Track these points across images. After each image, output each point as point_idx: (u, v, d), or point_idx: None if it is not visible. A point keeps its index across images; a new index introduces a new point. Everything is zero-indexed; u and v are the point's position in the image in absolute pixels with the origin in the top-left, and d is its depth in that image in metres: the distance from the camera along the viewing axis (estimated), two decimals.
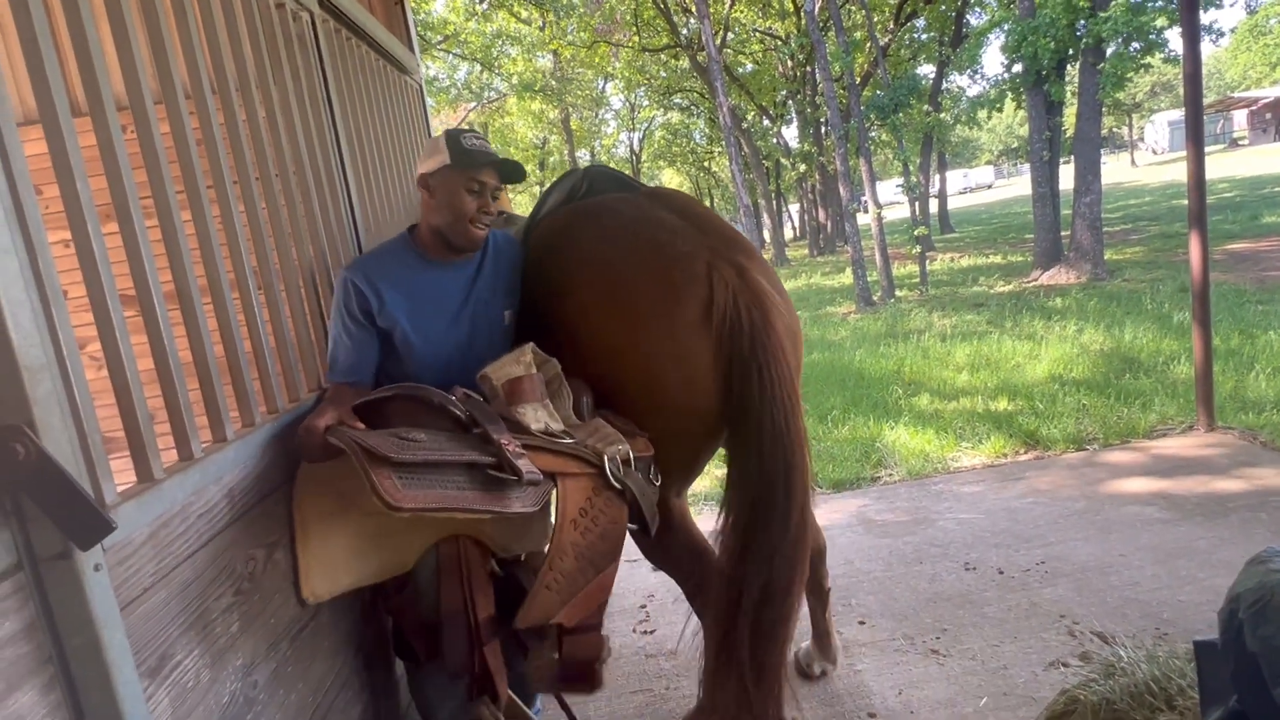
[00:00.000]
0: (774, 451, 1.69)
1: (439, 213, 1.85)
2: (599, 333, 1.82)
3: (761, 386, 1.70)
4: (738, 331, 1.72)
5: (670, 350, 1.75)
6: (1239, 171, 25.77)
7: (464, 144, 1.82)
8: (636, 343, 1.77)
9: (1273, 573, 1.15)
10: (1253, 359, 5.43)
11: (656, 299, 1.76)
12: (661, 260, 1.79)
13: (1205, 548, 3.01)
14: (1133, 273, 10.62)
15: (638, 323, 1.77)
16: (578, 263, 1.90)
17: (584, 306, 1.85)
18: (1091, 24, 9.80)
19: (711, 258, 1.78)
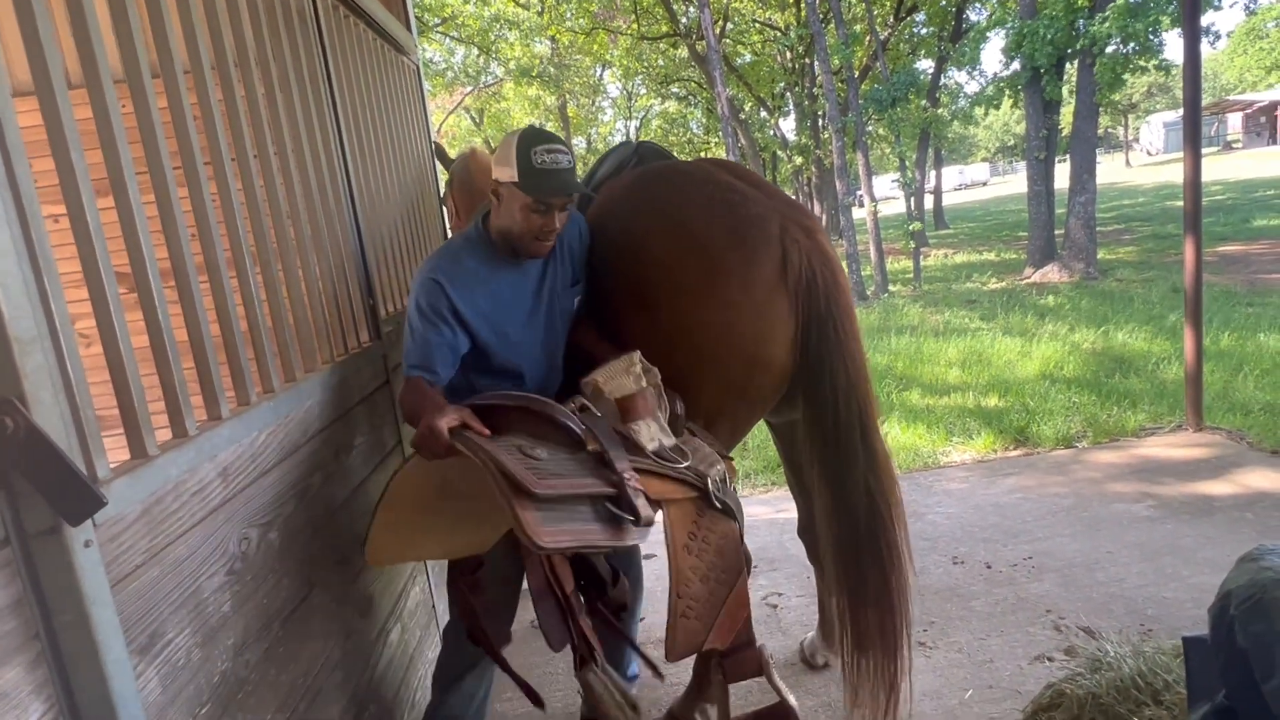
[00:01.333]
0: (849, 401, 1.85)
1: (505, 221, 1.81)
2: (676, 289, 1.87)
3: (838, 341, 1.85)
4: (814, 289, 1.84)
5: (748, 305, 1.83)
6: (1232, 175, 25.89)
7: (535, 163, 1.72)
8: (715, 298, 1.83)
9: (1264, 570, 1.16)
10: (1242, 361, 5.48)
11: (734, 256, 1.83)
12: (737, 220, 1.87)
13: (1191, 546, 3.04)
14: (1125, 273, 10.68)
15: (717, 279, 1.83)
16: (652, 222, 1.94)
17: (660, 264, 1.89)
18: (1089, 25, 9.81)
19: (783, 220, 1.88)
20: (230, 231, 1.55)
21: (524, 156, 1.73)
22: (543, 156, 1.73)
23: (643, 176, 2.10)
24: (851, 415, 1.86)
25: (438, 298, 1.78)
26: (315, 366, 1.83)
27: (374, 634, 2.01)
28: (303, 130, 1.93)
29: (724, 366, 1.89)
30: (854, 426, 1.86)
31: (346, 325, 2.10)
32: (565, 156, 1.75)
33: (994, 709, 2.25)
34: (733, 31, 21.36)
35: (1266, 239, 12.07)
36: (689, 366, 1.89)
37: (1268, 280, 8.86)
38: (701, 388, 1.91)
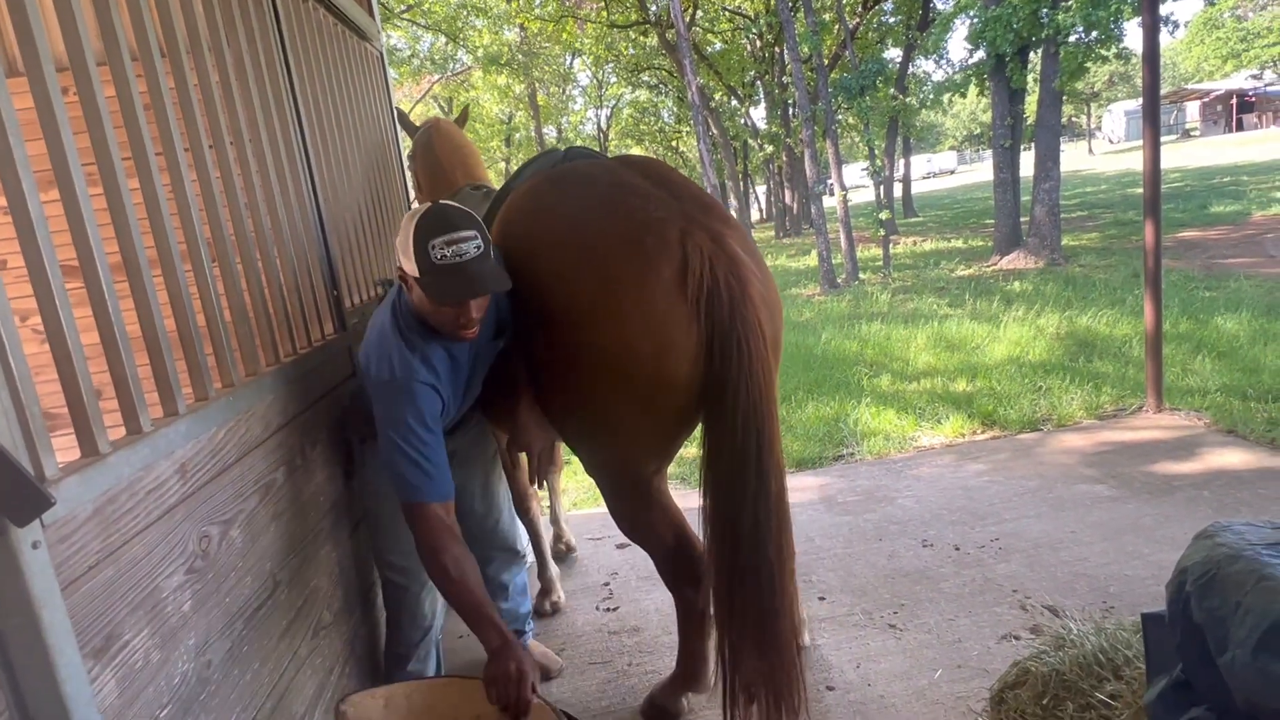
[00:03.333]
0: (747, 424, 1.70)
1: (419, 308, 1.70)
2: (571, 298, 1.76)
3: (740, 360, 1.69)
4: (716, 301, 1.69)
5: (643, 317, 1.70)
6: (1190, 162, 26.49)
7: (434, 259, 1.56)
8: (609, 309, 1.71)
9: (1218, 547, 1.19)
10: (1200, 343, 5.62)
11: (629, 265, 1.71)
12: (634, 225, 1.74)
13: (1151, 524, 3.12)
14: (1088, 258, 10.88)
15: (610, 289, 1.71)
16: (548, 227, 1.84)
17: (556, 276, 1.79)
18: (1052, 14, 9.94)
19: (686, 224, 1.74)
20: (184, 223, 1.51)
21: (422, 251, 1.57)
22: (442, 250, 1.56)
23: (545, 180, 1.97)
24: (749, 440, 1.70)
25: (428, 401, 1.67)
26: (277, 360, 1.80)
27: (343, 629, 1.99)
28: (260, 119, 1.89)
29: (628, 385, 1.76)
30: (750, 453, 1.71)
31: (310, 318, 2.06)
32: (472, 243, 1.58)
33: (962, 688, 2.29)
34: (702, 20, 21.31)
35: (1223, 225, 12.38)
36: (593, 386, 1.80)
37: (1224, 265, 9.09)
38: (609, 409, 1.82)
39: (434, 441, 1.67)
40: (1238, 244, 10.54)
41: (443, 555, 1.61)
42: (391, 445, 1.64)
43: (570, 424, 1.99)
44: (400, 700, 1.55)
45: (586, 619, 2.98)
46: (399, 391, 1.65)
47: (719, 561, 1.78)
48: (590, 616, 2.99)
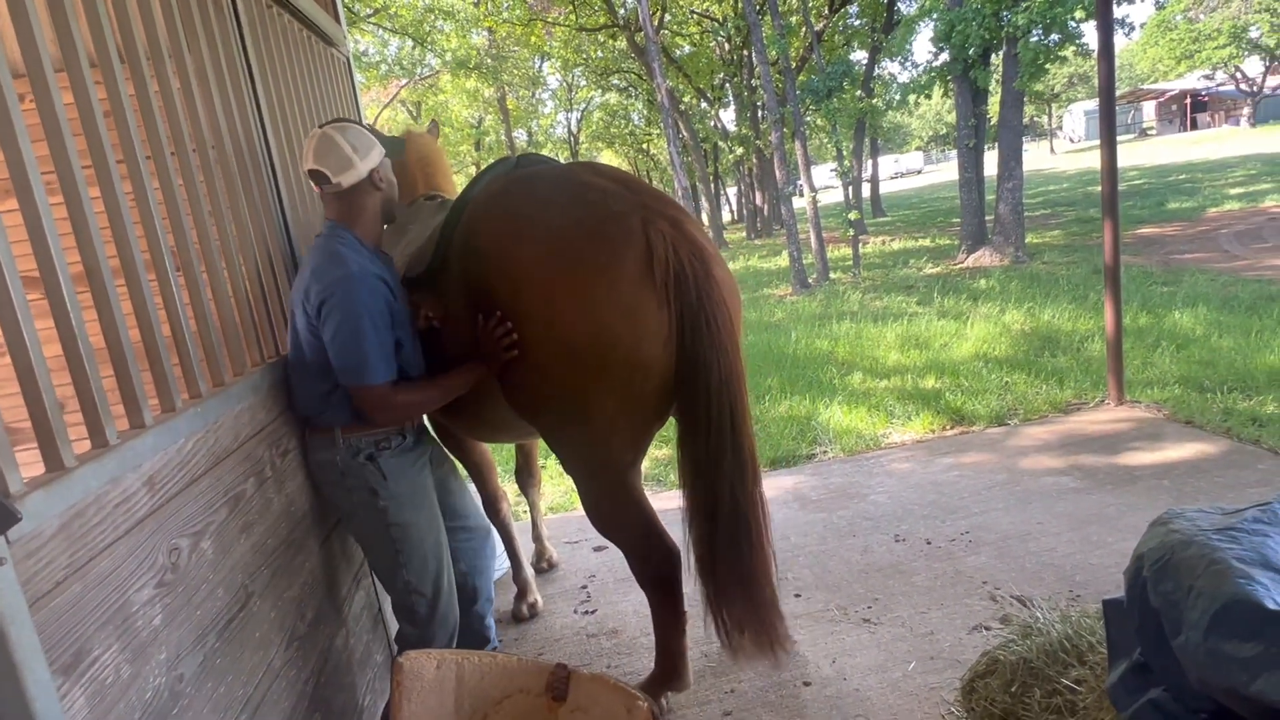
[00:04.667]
0: (720, 397, 1.82)
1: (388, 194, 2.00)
2: (543, 296, 1.83)
3: (710, 334, 1.80)
4: (683, 282, 1.78)
5: (616, 305, 1.78)
6: (1147, 160, 27.19)
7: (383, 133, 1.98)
8: (582, 301, 1.79)
9: (1173, 533, 1.24)
10: (1159, 337, 5.77)
11: (596, 256, 1.78)
12: (596, 218, 1.82)
13: (1114, 514, 3.20)
14: (1051, 256, 11.12)
15: (581, 281, 1.79)
16: (515, 228, 1.90)
17: (526, 271, 1.85)
18: (1013, 14, 10.15)
19: (646, 214, 1.83)
20: (148, 232, 1.49)
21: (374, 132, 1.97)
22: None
23: (507, 184, 2.04)
24: (723, 413, 1.83)
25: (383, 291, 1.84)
26: (245, 369, 1.78)
27: (318, 640, 1.97)
28: (223, 125, 1.87)
29: (603, 371, 1.82)
30: (724, 424, 1.83)
31: (278, 326, 2.04)
32: None
33: (935, 679, 2.33)
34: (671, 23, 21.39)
35: (1180, 221, 12.73)
36: (571, 378, 1.86)
37: (1181, 260, 9.35)
38: (589, 400, 1.88)
39: (387, 332, 1.83)
40: (1193, 239, 10.84)
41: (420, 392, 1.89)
42: (355, 331, 1.76)
43: (547, 418, 2.04)
44: (451, 665, 1.68)
45: (565, 622, 2.98)
46: (356, 281, 1.78)
47: (703, 526, 1.91)
48: (568, 620, 3.00)
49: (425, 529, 2.01)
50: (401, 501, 1.96)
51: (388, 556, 1.99)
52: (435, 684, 1.65)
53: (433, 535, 2.02)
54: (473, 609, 2.34)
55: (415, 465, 2.02)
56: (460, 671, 1.68)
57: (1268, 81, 36.46)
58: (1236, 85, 37.16)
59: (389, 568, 2.01)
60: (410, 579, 1.99)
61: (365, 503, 1.95)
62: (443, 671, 1.66)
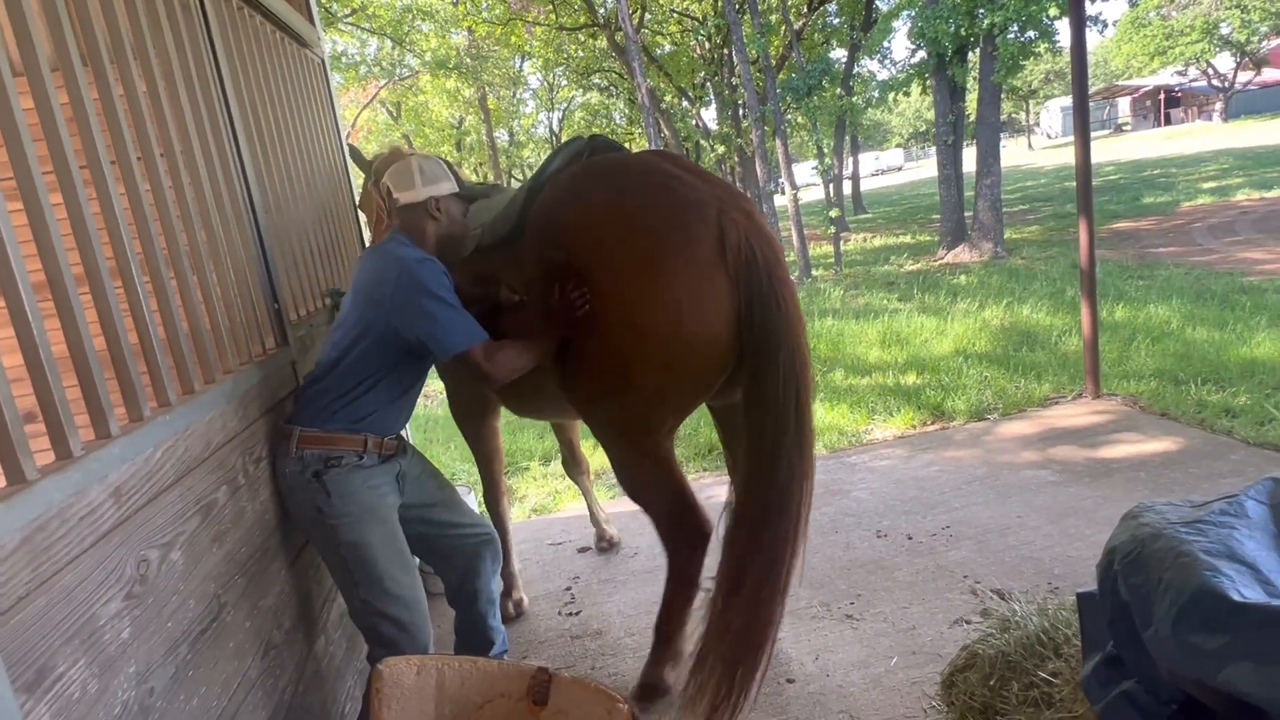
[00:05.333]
0: (789, 378, 1.93)
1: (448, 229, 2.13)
2: (619, 276, 1.96)
3: (781, 317, 1.92)
4: (754, 268, 1.91)
5: (689, 285, 1.91)
6: (1123, 156, 27.55)
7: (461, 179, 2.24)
8: (656, 281, 1.91)
9: (1143, 527, 1.25)
10: (1135, 330, 5.85)
11: (673, 239, 1.92)
12: (675, 205, 1.95)
13: (1091, 506, 3.24)
14: (1029, 251, 11.23)
15: (657, 262, 1.92)
16: (595, 213, 2.03)
17: (604, 252, 1.98)
18: (989, 10, 10.24)
19: (720, 205, 1.96)
20: (113, 238, 1.46)
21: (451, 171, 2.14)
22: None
23: (585, 170, 2.17)
24: (789, 390, 1.93)
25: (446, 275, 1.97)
26: (216, 376, 1.75)
27: (295, 649, 1.95)
28: (191, 129, 1.84)
29: (667, 347, 1.94)
30: (790, 401, 1.93)
31: (250, 332, 2.01)
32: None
33: (917, 673, 2.35)
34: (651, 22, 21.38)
35: (1154, 215, 12.90)
36: (635, 351, 1.97)
37: (1156, 254, 9.48)
38: (647, 372, 1.99)
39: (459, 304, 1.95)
40: (1168, 233, 11.00)
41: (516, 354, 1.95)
42: (441, 303, 1.89)
43: (590, 387, 2.13)
44: (431, 672, 1.67)
45: (549, 624, 2.97)
46: (420, 265, 1.93)
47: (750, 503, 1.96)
48: (553, 622, 2.99)
49: (379, 548, 1.94)
50: (350, 520, 1.91)
51: (341, 575, 1.96)
52: (415, 690, 1.64)
53: (388, 555, 1.95)
54: (473, 610, 2.31)
55: (368, 484, 1.96)
56: (441, 677, 1.67)
57: (1239, 77, 37.04)
58: (1209, 81, 37.72)
59: (344, 586, 1.98)
60: (368, 599, 1.94)
61: (313, 520, 1.92)
62: (423, 678, 1.65)
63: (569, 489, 4.52)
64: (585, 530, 3.76)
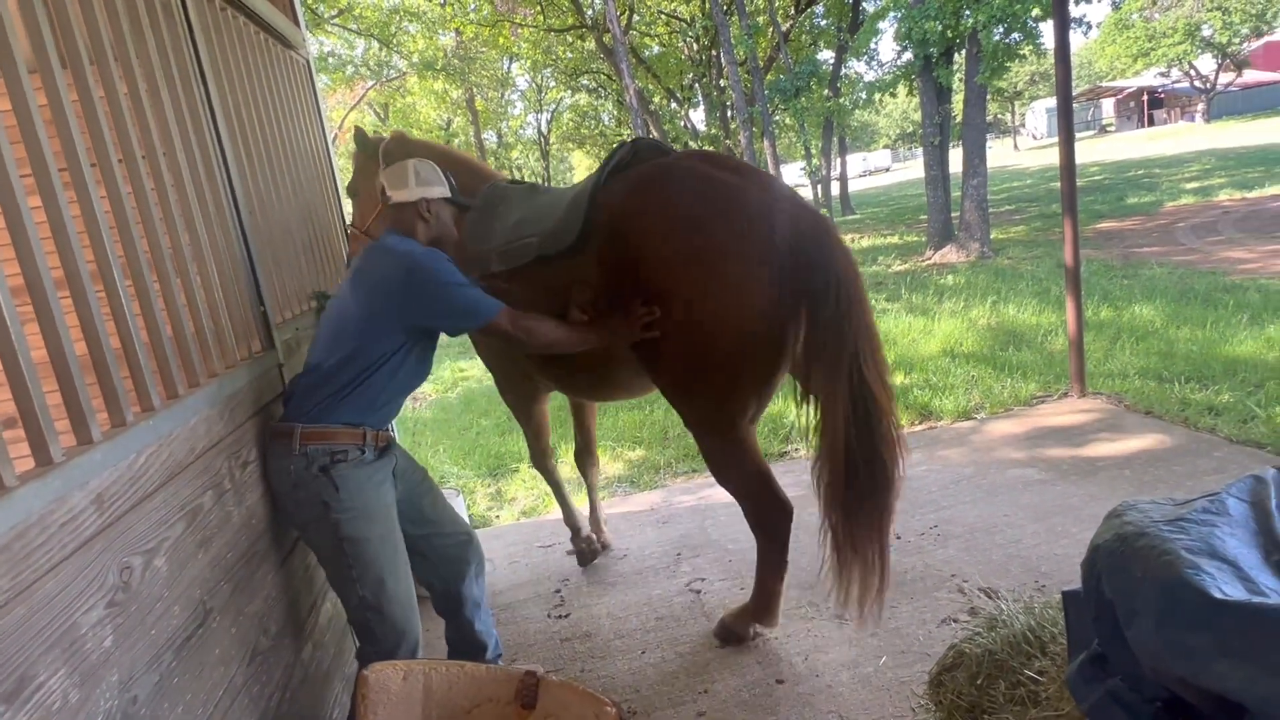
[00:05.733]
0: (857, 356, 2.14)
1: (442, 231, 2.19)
2: (683, 276, 2.12)
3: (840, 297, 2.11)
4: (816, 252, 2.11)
5: (751, 276, 2.09)
6: (1107, 156, 27.80)
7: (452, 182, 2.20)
8: (720, 276, 2.09)
9: (1126, 525, 1.26)
10: (1119, 329, 5.90)
11: (731, 235, 2.09)
12: (730, 203, 2.13)
13: (1078, 504, 3.26)
14: (1016, 251, 11.31)
15: (719, 258, 2.09)
16: (654, 219, 2.18)
17: (666, 255, 2.14)
18: (974, 11, 10.31)
19: (779, 206, 2.16)
20: (94, 241, 1.45)
21: (448, 176, 2.18)
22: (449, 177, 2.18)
23: (644, 173, 2.30)
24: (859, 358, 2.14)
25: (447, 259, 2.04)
26: (200, 380, 1.74)
27: (282, 655, 1.93)
28: (174, 131, 1.82)
29: (743, 335, 2.12)
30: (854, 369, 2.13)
31: (236, 335, 2.00)
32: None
33: (905, 673, 2.36)
34: (639, 23, 21.41)
35: (1138, 215, 13.02)
36: (707, 346, 2.15)
37: (1140, 254, 9.57)
38: (721, 365, 2.17)
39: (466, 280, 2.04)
40: (1152, 233, 11.10)
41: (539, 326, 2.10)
42: (456, 286, 1.99)
43: (678, 379, 2.31)
44: (418, 676, 1.69)
45: (538, 627, 2.96)
46: (421, 253, 2.01)
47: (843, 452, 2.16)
48: (542, 625, 2.98)
49: (379, 545, 1.96)
50: (354, 515, 1.93)
51: (340, 571, 1.96)
52: (402, 696, 1.63)
53: (388, 551, 1.98)
54: (460, 615, 2.31)
55: (372, 480, 1.99)
56: (428, 682, 1.66)
57: (1220, 78, 37.46)
58: (1191, 82, 38.13)
59: (342, 582, 1.98)
60: (364, 594, 1.95)
61: (318, 516, 1.92)
62: (410, 683, 1.64)
63: None
64: None
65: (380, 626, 1.98)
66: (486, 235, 2.60)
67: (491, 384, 8.23)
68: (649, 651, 2.68)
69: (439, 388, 8.21)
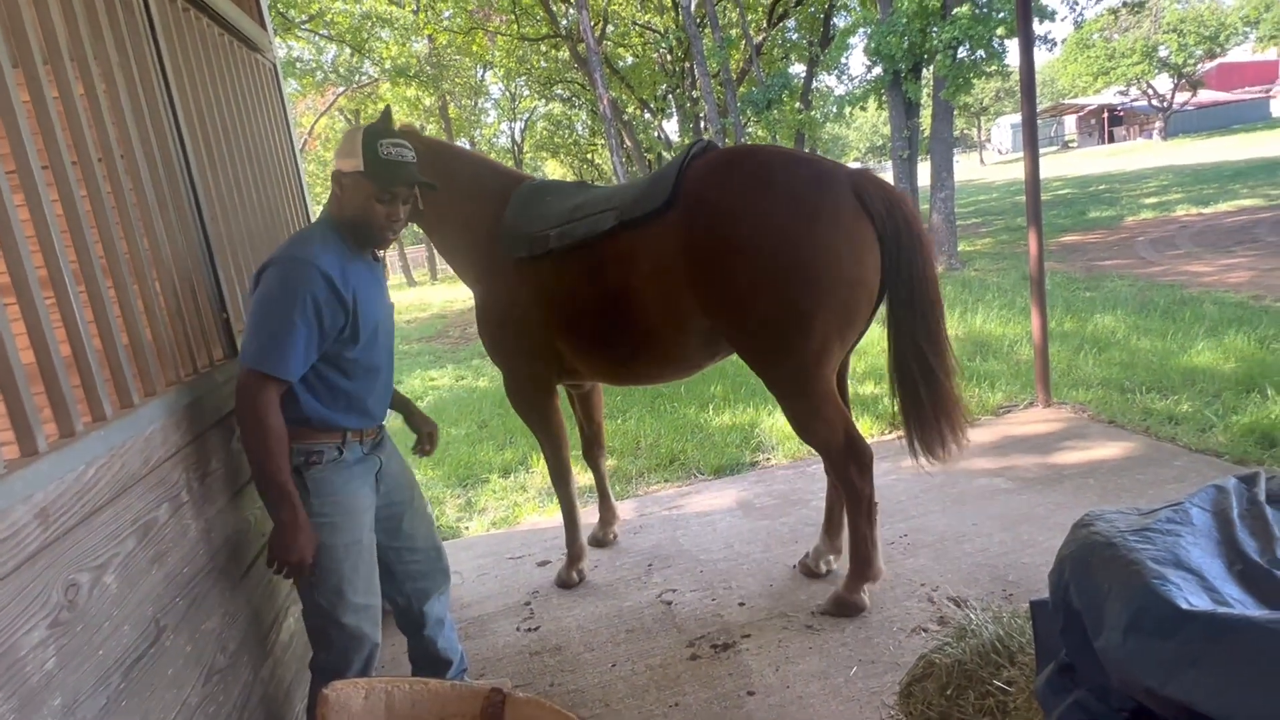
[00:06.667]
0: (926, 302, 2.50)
1: (350, 211, 1.90)
2: (782, 237, 2.33)
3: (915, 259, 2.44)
4: (899, 221, 2.40)
5: (847, 235, 2.35)
6: (1070, 171, 28.48)
7: (380, 153, 1.84)
8: (822, 234, 2.33)
9: (1093, 535, 1.27)
10: (1082, 340, 6.02)
11: (825, 201, 2.35)
12: (817, 175, 2.40)
13: (1044, 513, 3.30)
14: (982, 263, 11.51)
15: (814, 220, 2.33)
16: (752, 186, 2.40)
17: (769, 219, 2.35)
18: (940, 28, 10.50)
19: (849, 173, 2.45)
20: (43, 245, 1.39)
21: (370, 148, 1.84)
22: (389, 149, 1.85)
23: (725, 154, 2.54)
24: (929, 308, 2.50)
25: (317, 285, 1.77)
26: (157, 389, 1.68)
27: (240, 673, 1.87)
28: (134, 133, 1.77)
29: (833, 291, 2.35)
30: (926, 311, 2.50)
31: (196, 342, 1.94)
32: (409, 152, 1.91)
33: (875, 683, 2.36)
34: (613, 34, 21.49)
35: (1100, 229, 13.34)
36: (807, 299, 2.35)
37: (1102, 266, 9.79)
38: (815, 317, 2.37)
39: (308, 335, 1.77)
40: (1113, 246, 11.37)
41: (269, 419, 1.74)
42: (267, 313, 1.75)
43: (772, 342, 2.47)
44: (380, 694, 1.65)
45: (507, 641, 2.92)
46: (299, 267, 1.77)
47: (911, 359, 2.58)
48: (511, 638, 2.93)
49: (343, 553, 1.90)
50: (322, 522, 1.87)
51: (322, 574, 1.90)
52: (363, 715, 1.58)
53: (351, 560, 1.91)
54: (422, 633, 2.25)
55: (348, 486, 1.93)
56: (390, 700, 1.62)
57: (1176, 98, 38.65)
58: (1149, 101, 39.29)
59: (302, 586, 1.91)
60: (321, 601, 1.90)
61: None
62: (371, 701, 1.59)
63: (529, 501, 4.47)
64: (545, 544, 3.72)
65: (336, 634, 1.92)
66: (540, 218, 2.74)
67: (461, 391, 8.15)
68: (619, 664, 2.65)
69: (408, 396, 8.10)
